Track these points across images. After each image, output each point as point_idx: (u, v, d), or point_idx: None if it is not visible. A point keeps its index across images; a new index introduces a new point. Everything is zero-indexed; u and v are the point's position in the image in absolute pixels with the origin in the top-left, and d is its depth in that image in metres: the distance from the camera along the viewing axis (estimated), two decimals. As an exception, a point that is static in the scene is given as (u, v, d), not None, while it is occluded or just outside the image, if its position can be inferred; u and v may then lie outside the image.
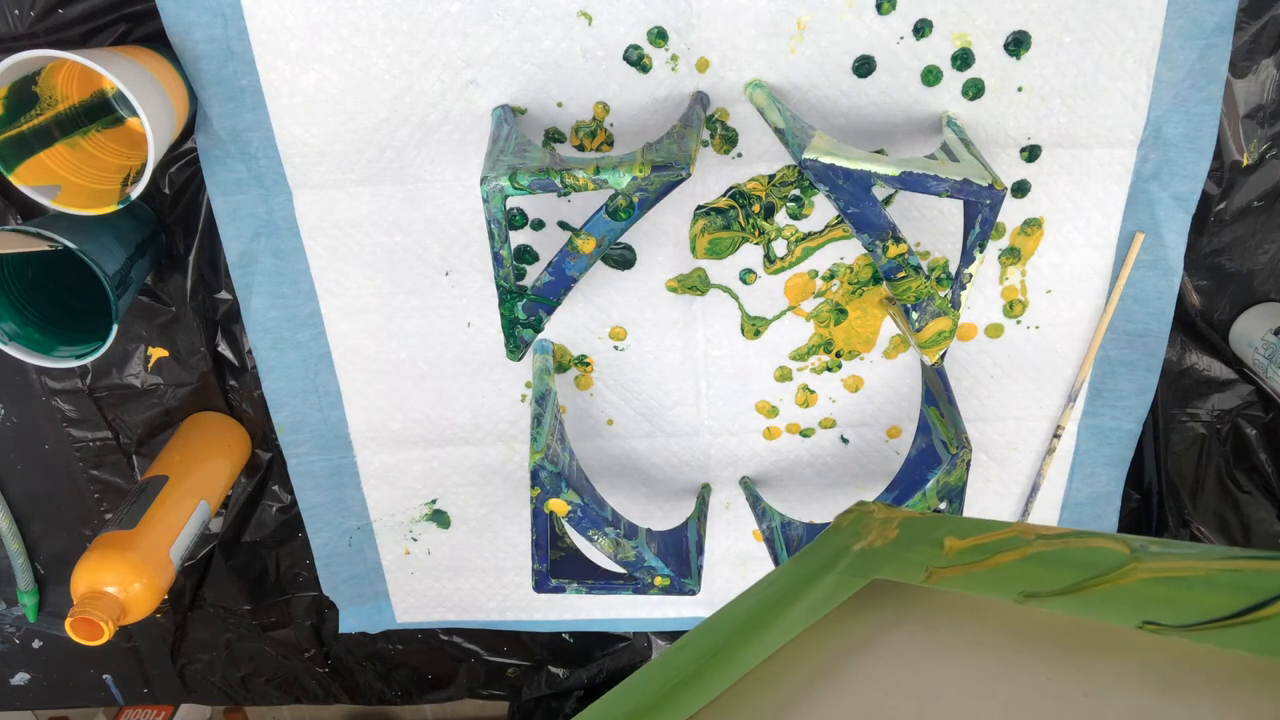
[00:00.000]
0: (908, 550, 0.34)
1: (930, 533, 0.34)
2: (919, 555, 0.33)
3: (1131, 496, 0.70)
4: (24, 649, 0.78)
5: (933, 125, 0.56)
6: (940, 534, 0.33)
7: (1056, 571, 0.28)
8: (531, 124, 0.56)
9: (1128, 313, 0.62)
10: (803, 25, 0.53)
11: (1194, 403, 0.67)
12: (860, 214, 0.47)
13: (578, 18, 0.52)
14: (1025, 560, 0.30)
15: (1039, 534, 0.31)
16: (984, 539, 0.32)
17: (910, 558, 0.33)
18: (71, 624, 0.54)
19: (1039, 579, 0.29)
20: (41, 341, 0.56)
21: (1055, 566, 0.29)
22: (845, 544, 0.36)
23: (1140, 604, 0.25)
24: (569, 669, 0.79)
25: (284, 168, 0.57)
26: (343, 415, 0.66)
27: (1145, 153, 0.56)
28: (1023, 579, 0.29)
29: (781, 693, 0.30)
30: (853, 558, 0.35)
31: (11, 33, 0.53)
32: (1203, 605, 0.24)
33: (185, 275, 0.61)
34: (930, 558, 0.32)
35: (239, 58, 0.53)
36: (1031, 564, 0.30)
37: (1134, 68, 0.54)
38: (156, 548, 0.58)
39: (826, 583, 0.34)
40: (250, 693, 0.81)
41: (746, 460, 0.68)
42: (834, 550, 0.36)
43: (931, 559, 0.32)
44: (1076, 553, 0.29)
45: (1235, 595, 0.23)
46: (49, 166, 0.51)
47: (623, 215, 0.48)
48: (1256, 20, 0.54)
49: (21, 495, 0.70)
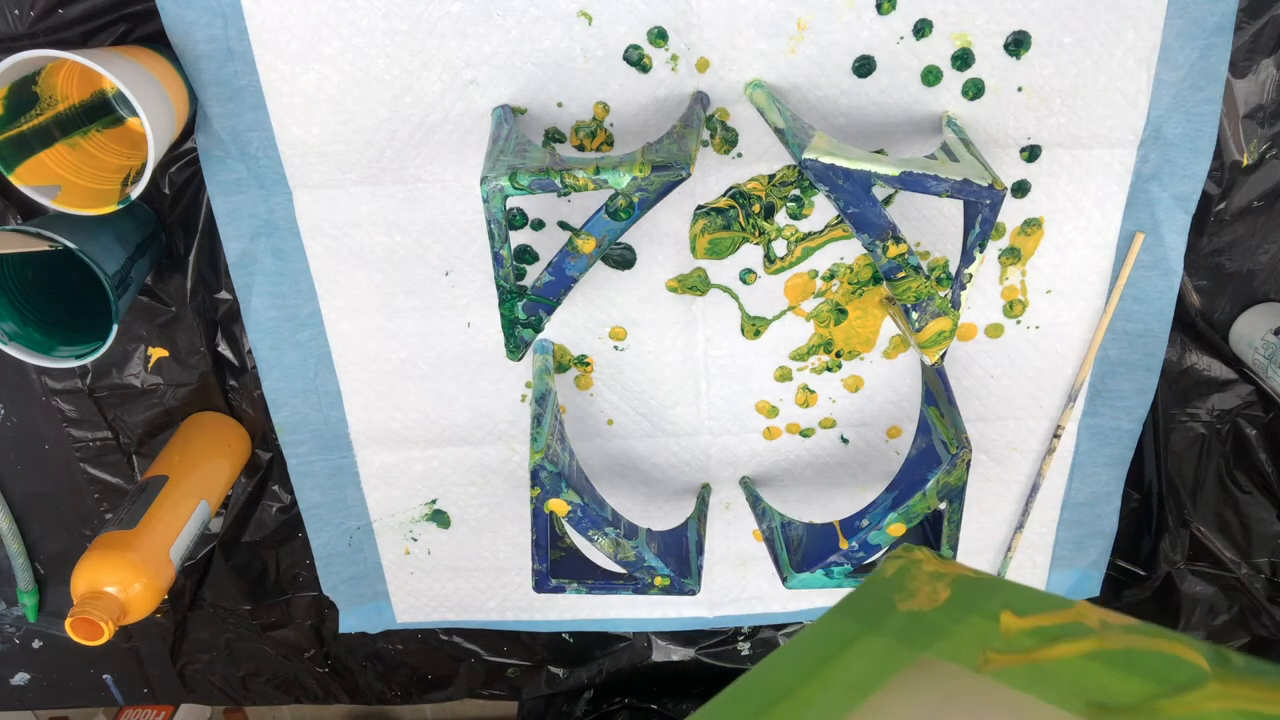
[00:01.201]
0: (959, 622, 0.32)
1: (984, 601, 0.33)
2: (973, 630, 0.32)
3: (1131, 496, 0.70)
4: (24, 649, 0.78)
5: (933, 125, 0.56)
6: (994, 605, 0.32)
7: (1126, 679, 0.27)
8: (531, 124, 0.56)
9: (1128, 313, 0.62)
10: (803, 25, 0.53)
11: (1194, 403, 0.67)
12: (860, 214, 0.47)
13: (578, 18, 0.52)
14: (1090, 658, 0.29)
15: (1104, 621, 0.30)
16: (1044, 621, 0.30)
17: (962, 632, 0.32)
18: (71, 624, 0.54)
19: (1106, 685, 0.27)
20: (41, 341, 0.56)
21: (1124, 671, 0.27)
22: (890, 598, 0.35)
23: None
24: (569, 669, 0.79)
25: (284, 168, 0.57)
26: (343, 415, 0.66)
27: (1145, 153, 0.56)
28: (1088, 683, 0.28)
29: None
30: (900, 621, 0.33)
31: (11, 33, 0.53)
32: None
33: (185, 275, 0.61)
34: (986, 636, 0.31)
35: (239, 58, 0.53)
36: (1097, 663, 0.28)
37: (1134, 68, 0.54)
38: (156, 548, 0.58)
39: (871, 648, 0.32)
40: (250, 693, 0.81)
41: (746, 460, 0.68)
42: (879, 605, 0.35)
43: (987, 638, 0.31)
44: (1147, 657, 0.27)
45: None
46: (49, 166, 0.51)
47: (623, 215, 0.48)
48: (1256, 20, 0.54)
49: (21, 495, 0.70)
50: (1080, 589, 0.74)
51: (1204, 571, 0.73)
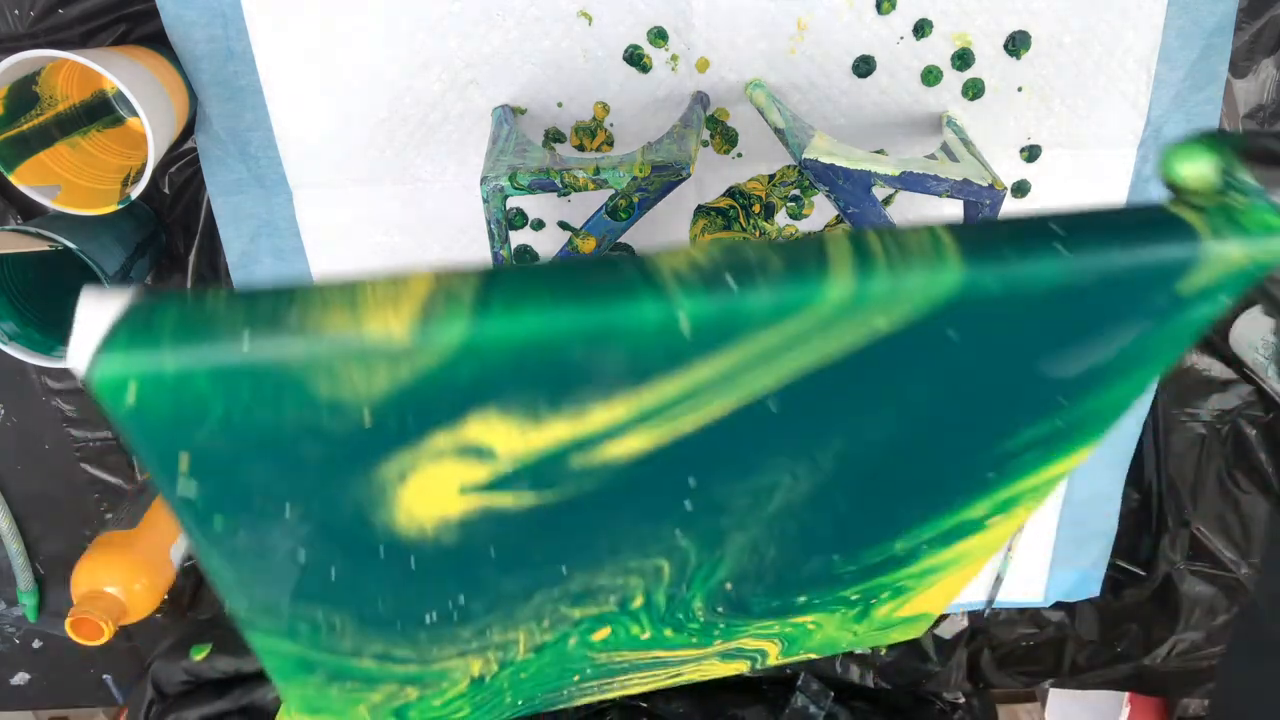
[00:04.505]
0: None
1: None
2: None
3: (1131, 496, 0.70)
4: (24, 649, 0.78)
5: (933, 125, 0.56)
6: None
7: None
8: (531, 124, 0.56)
9: (1128, 313, 0.62)
10: (803, 25, 0.53)
11: (1194, 403, 0.67)
12: (860, 214, 0.47)
13: (578, 18, 0.52)
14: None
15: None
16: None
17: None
18: (71, 624, 0.54)
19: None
20: (41, 341, 0.56)
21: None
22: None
23: None
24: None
25: (284, 168, 0.57)
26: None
27: (1145, 153, 0.56)
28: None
29: None
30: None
31: (11, 33, 0.53)
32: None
33: (185, 275, 0.61)
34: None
35: (239, 58, 0.53)
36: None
37: (1134, 68, 0.54)
38: (156, 548, 0.58)
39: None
40: (250, 693, 0.81)
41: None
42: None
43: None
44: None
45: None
46: (49, 166, 0.51)
47: (623, 215, 0.48)
48: (1256, 20, 0.54)
49: (21, 495, 0.70)
50: (1080, 589, 0.74)
51: (1204, 571, 0.73)
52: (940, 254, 0.21)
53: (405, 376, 0.20)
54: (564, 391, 0.22)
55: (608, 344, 0.21)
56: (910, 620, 0.42)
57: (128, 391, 0.19)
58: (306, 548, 0.25)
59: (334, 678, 0.32)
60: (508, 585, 0.30)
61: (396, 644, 0.32)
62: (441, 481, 0.24)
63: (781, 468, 0.28)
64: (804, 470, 0.28)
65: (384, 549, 0.26)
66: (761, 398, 0.24)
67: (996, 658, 0.79)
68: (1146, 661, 0.79)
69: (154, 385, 0.19)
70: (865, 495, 0.30)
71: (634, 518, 0.28)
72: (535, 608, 0.32)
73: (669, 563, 0.31)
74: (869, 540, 0.34)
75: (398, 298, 0.19)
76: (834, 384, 0.24)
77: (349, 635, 0.30)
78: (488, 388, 0.21)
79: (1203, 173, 0.22)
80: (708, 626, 0.37)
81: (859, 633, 0.41)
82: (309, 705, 0.34)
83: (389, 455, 0.23)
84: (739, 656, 0.41)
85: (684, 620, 0.36)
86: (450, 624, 0.31)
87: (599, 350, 0.21)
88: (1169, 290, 0.23)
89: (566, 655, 0.36)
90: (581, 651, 0.36)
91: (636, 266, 0.21)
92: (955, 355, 0.24)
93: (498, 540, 0.27)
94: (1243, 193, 0.22)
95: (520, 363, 0.21)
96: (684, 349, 0.21)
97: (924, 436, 0.28)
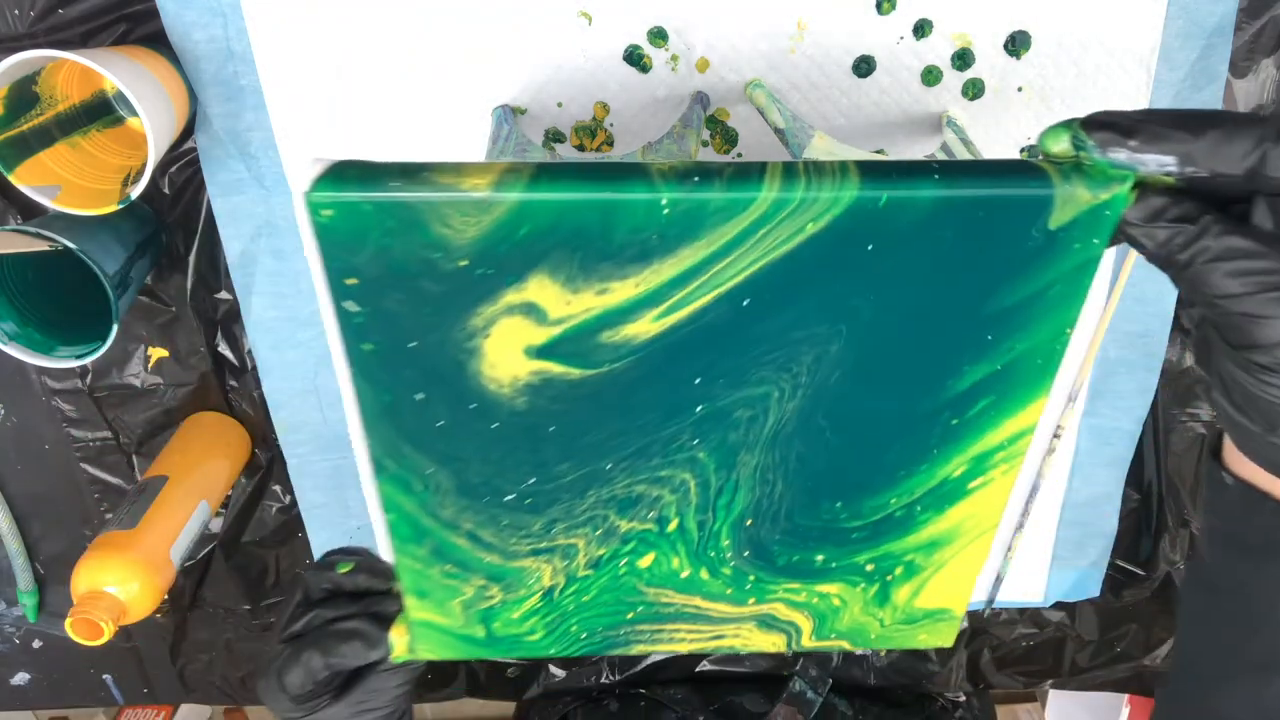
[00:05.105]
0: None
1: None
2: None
3: (1131, 496, 0.70)
4: (24, 649, 0.78)
5: (933, 125, 0.56)
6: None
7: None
8: (531, 124, 0.56)
9: (1128, 313, 0.62)
10: (803, 25, 0.53)
11: (1194, 403, 0.67)
12: (860, 214, 0.48)
13: (578, 18, 0.52)
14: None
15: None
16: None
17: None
18: (71, 624, 0.54)
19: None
20: (41, 341, 0.56)
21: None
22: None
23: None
24: (568, 668, 0.79)
25: (284, 168, 0.57)
26: (342, 415, 0.66)
27: (1145, 153, 0.56)
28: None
29: None
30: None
31: (11, 33, 0.53)
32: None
33: (185, 275, 0.61)
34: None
35: (239, 58, 0.53)
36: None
37: (1134, 68, 0.54)
38: (156, 548, 0.58)
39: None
40: (250, 693, 0.81)
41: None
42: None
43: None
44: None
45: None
46: (49, 166, 0.51)
47: (623, 215, 0.48)
48: (1256, 20, 0.54)
49: (21, 495, 0.70)
50: (1080, 589, 0.74)
51: (1204, 571, 0.73)
52: (845, 175, 0.28)
53: (486, 225, 0.28)
54: (590, 261, 0.29)
55: (615, 217, 0.28)
56: (933, 615, 0.43)
57: (325, 211, 0.28)
58: (424, 388, 0.32)
59: (436, 554, 0.38)
60: (566, 472, 0.36)
61: (483, 524, 0.37)
62: (512, 338, 0.31)
63: (768, 380, 0.33)
64: (786, 385, 0.34)
65: (475, 404, 0.33)
66: (735, 292, 0.30)
67: (996, 658, 0.79)
68: (1146, 661, 0.79)
69: (339, 209, 0.28)
70: (846, 428, 0.35)
71: (657, 412, 0.34)
72: (589, 510, 0.37)
73: (693, 478, 0.37)
74: (863, 485, 0.38)
75: (485, 170, 0.28)
76: (790, 283, 0.30)
77: (449, 501, 0.36)
78: (539, 247, 0.29)
79: (1063, 145, 0.29)
80: (739, 575, 0.41)
81: (885, 622, 0.43)
82: (416, 586, 0.39)
83: (478, 304, 0.30)
84: (774, 627, 0.43)
85: (716, 562, 0.40)
86: (522, 508, 0.37)
87: (610, 222, 0.28)
88: (1041, 225, 0.29)
89: (619, 584, 0.40)
90: (631, 582, 0.40)
91: (634, 167, 0.28)
92: (879, 270, 0.30)
93: (555, 416, 0.34)
94: (1088, 152, 0.28)
95: (557, 224, 0.28)
96: (669, 232, 0.29)
97: (880, 361, 0.33)
